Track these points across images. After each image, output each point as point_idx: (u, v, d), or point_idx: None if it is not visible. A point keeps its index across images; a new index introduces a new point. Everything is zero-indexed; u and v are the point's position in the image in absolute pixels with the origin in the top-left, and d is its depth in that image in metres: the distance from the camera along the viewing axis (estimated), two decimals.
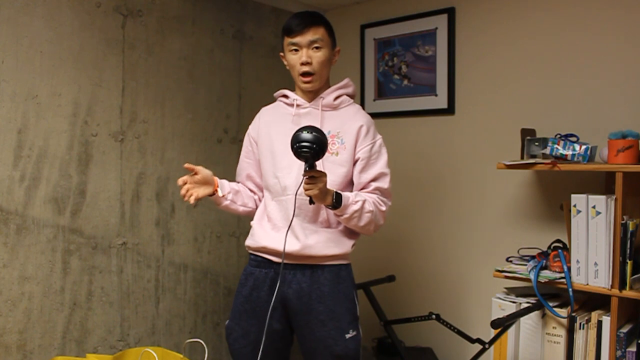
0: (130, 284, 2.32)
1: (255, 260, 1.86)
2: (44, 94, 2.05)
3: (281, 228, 1.79)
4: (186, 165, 1.83)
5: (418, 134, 2.71)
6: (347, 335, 1.76)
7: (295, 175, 1.76)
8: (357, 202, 1.73)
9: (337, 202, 1.68)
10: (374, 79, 2.88)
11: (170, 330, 2.46)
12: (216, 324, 2.65)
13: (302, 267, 1.78)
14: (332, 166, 1.77)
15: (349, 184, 1.83)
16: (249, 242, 1.89)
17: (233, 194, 1.91)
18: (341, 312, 1.77)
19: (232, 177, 2.68)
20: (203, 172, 1.84)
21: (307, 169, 1.59)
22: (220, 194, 1.87)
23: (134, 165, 2.32)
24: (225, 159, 2.66)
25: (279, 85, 2.90)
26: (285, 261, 1.76)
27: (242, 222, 2.72)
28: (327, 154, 1.75)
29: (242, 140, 2.72)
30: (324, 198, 1.64)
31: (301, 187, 1.64)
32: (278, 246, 1.76)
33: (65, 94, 2.10)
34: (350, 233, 1.85)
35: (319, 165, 1.70)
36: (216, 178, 1.89)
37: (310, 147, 1.53)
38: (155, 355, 1.84)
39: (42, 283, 2.05)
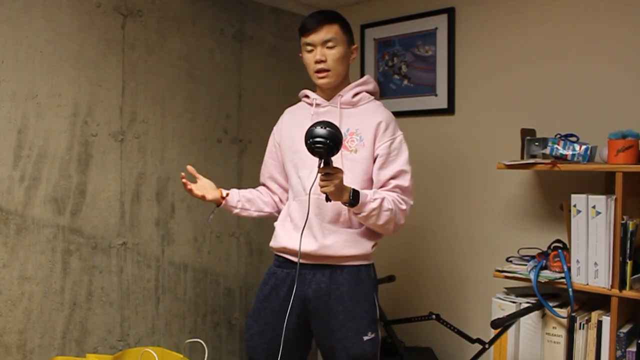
0: (130, 284, 2.32)
1: (277, 261, 1.89)
2: (44, 94, 2.05)
3: (301, 228, 1.78)
4: (189, 167, 1.87)
5: (418, 134, 2.71)
6: (365, 338, 1.76)
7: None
8: (375, 199, 1.70)
9: (354, 199, 1.65)
10: (374, 79, 2.87)
11: (170, 330, 2.46)
12: (216, 324, 2.65)
13: (322, 267, 1.79)
14: (351, 164, 1.76)
15: (371, 183, 1.81)
16: (272, 243, 1.92)
17: (244, 201, 1.96)
18: (360, 313, 1.77)
19: (232, 177, 2.70)
20: (204, 180, 1.90)
21: (321, 165, 1.56)
22: (231, 203, 1.93)
23: (134, 165, 2.32)
24: (225, 159, 2.66)
25: (280, 85, 2.92)
26: (304, 261, 1.77)
27: (242, 222, 2.72)
28: (346, 152, 1.75)
29: (241, 141, 2.73)
30: (340, 195, 1.62)
31: (316, 185, 1.62)
32: (296, 246, 1.77)
33: (65, 94, 2.10)
34: (371, 234, 1.82)
35: (338, 163, 1.68)
36: (221, 188, 1.93)
37: (324, 142, 1.51)
38: (155, 355, 1.84)
39: (42, 283, 2.05)
